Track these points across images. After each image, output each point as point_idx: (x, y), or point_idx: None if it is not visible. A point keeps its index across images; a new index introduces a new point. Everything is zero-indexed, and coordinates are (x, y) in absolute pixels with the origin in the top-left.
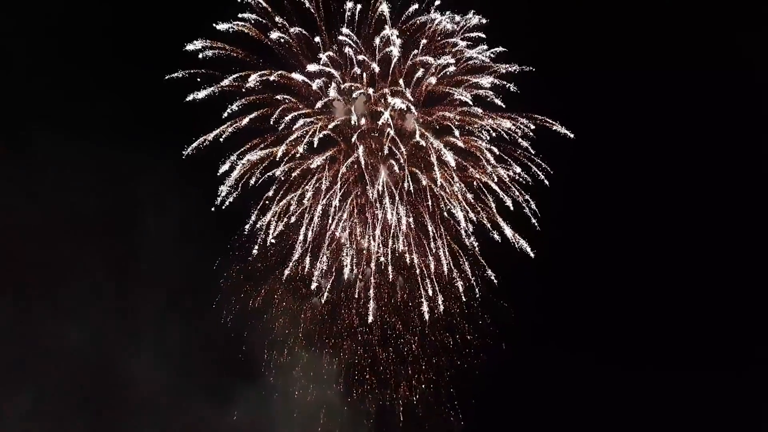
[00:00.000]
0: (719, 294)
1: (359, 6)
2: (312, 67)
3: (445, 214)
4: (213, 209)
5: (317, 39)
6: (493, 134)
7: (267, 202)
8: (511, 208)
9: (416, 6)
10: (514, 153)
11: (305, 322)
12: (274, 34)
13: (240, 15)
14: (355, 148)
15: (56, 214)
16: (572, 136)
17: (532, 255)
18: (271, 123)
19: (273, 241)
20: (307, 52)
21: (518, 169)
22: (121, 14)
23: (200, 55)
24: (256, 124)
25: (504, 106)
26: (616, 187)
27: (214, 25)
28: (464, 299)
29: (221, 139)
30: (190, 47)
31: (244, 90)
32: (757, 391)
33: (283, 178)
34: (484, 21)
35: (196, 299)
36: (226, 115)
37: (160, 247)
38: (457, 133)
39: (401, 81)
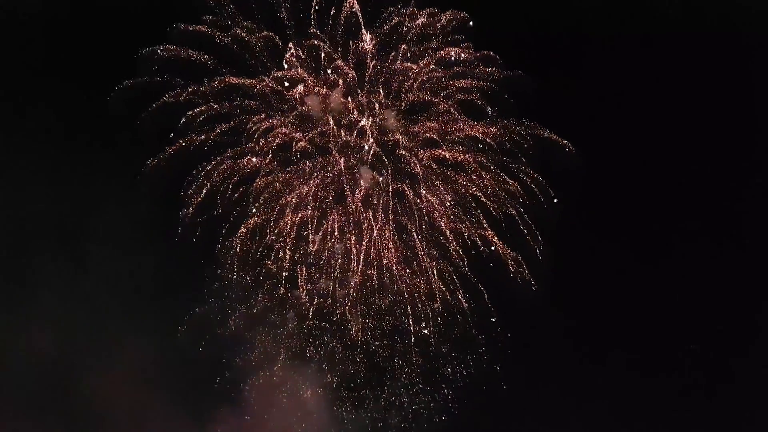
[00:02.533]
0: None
1: (333, 9)
2: (283, 74)
3: (434, 238)
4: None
5: (289, 44)
6: (482, 145)
7: (237, 220)
8: (504, 229)
9: (393, 6)
10: (507, 165)
11: (285, 343)
12: (240, 38)
13: (203, 17)
14: (334, 161)
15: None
16: (570, 146)
17: (533, 286)
18: (240, 135)
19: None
20: (276, 58)
21: (513, 183)
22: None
23: (157, 60)
24: (222, 137)
25: (493, 114)
26: (623, 199)
27: (173, 26)
28: (456, 330)
29: (186, 151)
30: (144, 52)
31: (206, 98)
32: None
33: (253, 196)
34: (470, 22)
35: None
36: (185, 126)
37: (122, 263)
38: (442, 144)
39: (381, 89)
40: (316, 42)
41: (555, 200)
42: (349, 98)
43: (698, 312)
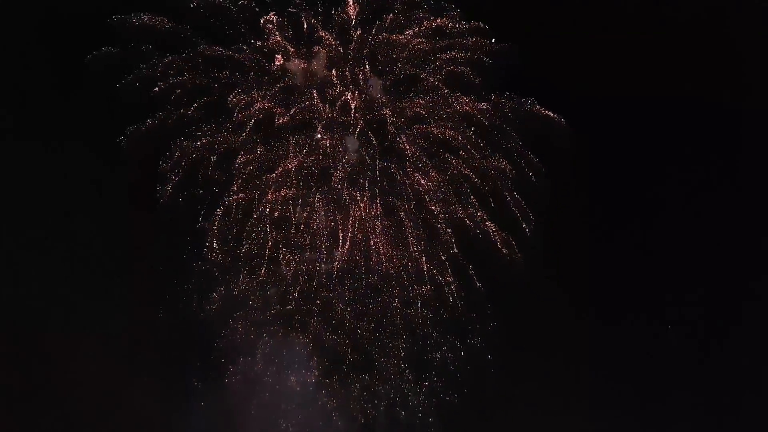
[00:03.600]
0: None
1: None
2: (262, 44)
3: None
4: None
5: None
6: (473, 121)
7: (217, 199)
8: (494, 207)
9: None
10: (498, 142)
11: (269, 325)
12: (218, 6)
13: None
14: (318, 138)
15: None
16: (563, 120)
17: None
18: (218, 109)
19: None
20: (255, 28)
21: (502, 161)
22: None
23: (129, 28)
24: (200, 112)
25: (484, 90)
26: (616, 181)
27: None
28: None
29: (157, 129)
30: (114, 21)
31: (182, 70)
32: None
33: (235, 173)
34: None
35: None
36: (160, 100)
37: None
38: (431, 121)
39: (366, 62)
40: (296, 10)
41: (546, 177)
42: (333, 71)
43: (694, 289)
